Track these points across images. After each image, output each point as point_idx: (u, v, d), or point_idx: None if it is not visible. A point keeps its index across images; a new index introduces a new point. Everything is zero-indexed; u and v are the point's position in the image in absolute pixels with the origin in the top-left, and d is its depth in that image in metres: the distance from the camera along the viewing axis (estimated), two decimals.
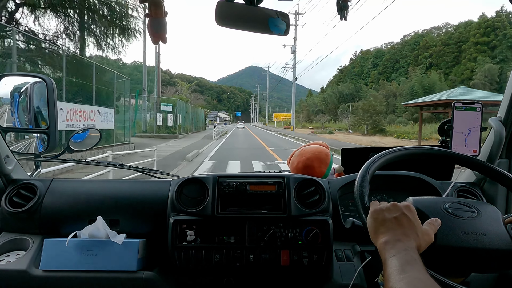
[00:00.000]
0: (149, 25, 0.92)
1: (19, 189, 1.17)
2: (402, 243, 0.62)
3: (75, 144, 1.44)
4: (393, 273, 0.57)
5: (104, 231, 1.07)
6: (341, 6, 1.09)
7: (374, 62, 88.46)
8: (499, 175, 0.84)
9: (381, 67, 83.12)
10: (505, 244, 0.69)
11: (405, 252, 0.60)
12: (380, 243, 0.65)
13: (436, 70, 55.39)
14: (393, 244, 0.63)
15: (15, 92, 1.33)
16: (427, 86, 41.97)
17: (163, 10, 0.92)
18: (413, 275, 0.55)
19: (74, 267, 1.03)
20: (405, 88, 45.26)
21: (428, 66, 63.77)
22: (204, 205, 1.10)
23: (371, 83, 76.58)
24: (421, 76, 45.55)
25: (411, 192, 1.13)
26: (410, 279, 0.54)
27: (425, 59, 69.18)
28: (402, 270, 0.56)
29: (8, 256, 1.08)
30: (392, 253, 0.61)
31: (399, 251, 0.61)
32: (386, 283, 0.57)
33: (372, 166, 0.83)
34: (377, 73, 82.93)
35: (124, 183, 1.27)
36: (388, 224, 0.67)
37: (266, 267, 1.08)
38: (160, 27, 0.94)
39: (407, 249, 0.61)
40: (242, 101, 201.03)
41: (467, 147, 1.14)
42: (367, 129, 33.44)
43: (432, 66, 64.63)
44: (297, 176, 1.19)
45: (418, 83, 43.80)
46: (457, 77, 50.21)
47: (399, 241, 0.63)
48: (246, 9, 0.97)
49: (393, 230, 0.66)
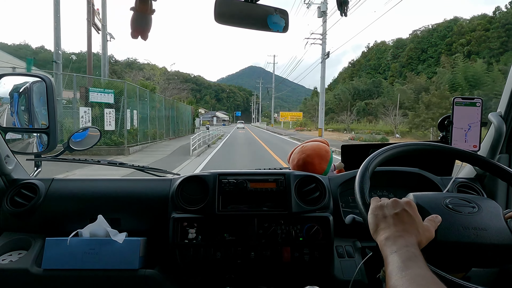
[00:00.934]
0: (132, 18, 0.91)
1: (20, 188, 1.17)
2: (403, 239, 0.62)
3: (75, 143, 1.44)
4: (394, 270, 0.57)
5: (105, 230, 1.08)
6: (341, 1, 1.09)
7: (395, 53, 77.33)
8: (500, 170, 0.84)
9: (404, 58, 72.00)
10: (506, 239, 0.69)
11: (406, 248, 0.60)
12: (381, 239, 0.65)
13: (477, 59, 43.15)
14: (394, 240, 0.63)
15: (14, 92, 1.33)
16: (472, 78, 32.37)
17: (149, 6, 0.91)
18: (415, 272, 0.55)
19: (75, 266, 1.04)
20: (442, 81, 34.80)
21: (466, 54, 51.71)
22: (205, 203, 1.10)
23: (391, 77, 67.24)
24: (463, 66, 35.27)
25: (411, 188, 1.13)
26: (412, 275, 0.54)
27: (462, 47, 57.58)
28: (404, 267, 0.56)
29: (10, 256, 1.08)
30: (393, 249, 0.61)
31: (400, 247, 0.61)
32: (388, 280, 0.57)
33: (372, 162, 0.83)
34: (399, 65, 72.38)
35: (124, 181, 1.27)
36: (389, 220, 0.67)
37: (267, 264, 1.08)
38: (142, 23, 0.92)
39: (408, 245, 0.61)
40: (242, 101, 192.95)
41: (467, 142, 1.14)
42: (432, 132, 22.90)
43: (471, 54, 52.66)
44: (298, 173, 1.19)
45: (461, 73, 33.69)
46: (508, 66, 36.68)
47: (400, 237, 0.63)
48: (245, 6, 0.97)
49: (394, 226, 0.66)
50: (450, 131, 1.16)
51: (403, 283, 0.54)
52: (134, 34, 0.92)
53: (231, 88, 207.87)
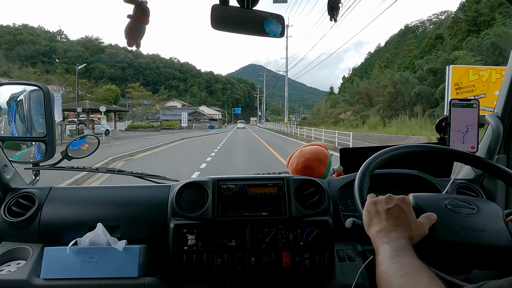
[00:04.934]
0: (129, 27, 0.92)
1: (17, 198, 1.17)
2: (395, 232, 0.64)
3: (73, 151, 1.44)
4: (385, 257, 0.58)
5: (104, 238, 1.07)
6: (331, 6, 1.10)
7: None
8: (498, 171, 0.84)
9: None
10: (505, 241, 0.69)
11: (398, 240, 0.62)
12: (373, 232, 0.67)
13: None
14: (386, 233, 0.65)
15: (11, 101, 1.33)
16: None
17: (148, 18, 0.93)
18: (405, 259, 0.57)
19: (75, 275, 1.03)
20: None
21: None
22: (204, 209, 1.10)
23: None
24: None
25: (410, 190, 1.13)
26: (402, 262, 0.56)
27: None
28: (394, 255, 0.58)
29: (9, 266, 1.07)
30: (385, 240, 0.63)
31: (392, 239, 0.62)
32: (378, 267, 0.58)
33: (371, 165, 0.84)
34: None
35: (123, 189, 1.26)
36: (382, 215, 0.69)
37: (268, 269, 1.08)
38: (138, 32, 0.94)
39: (400, 238, 0.62)
40: (243, 95, 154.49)
41: (465, 143, 1.15)
42: None
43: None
44: (297, 177, 1.19)
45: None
46: None
47: (391, 231, 0.65)
48: (242, 12, 0.97)
49: (386, 221, 0.67)
50: (448, 133, 1.16)
51: (392, 268, 0.55)
52: (131, 42, 0.93)
53: (228, 78, 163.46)
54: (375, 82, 40.13)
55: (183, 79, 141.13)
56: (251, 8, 0.98)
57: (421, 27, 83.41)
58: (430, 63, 29.46)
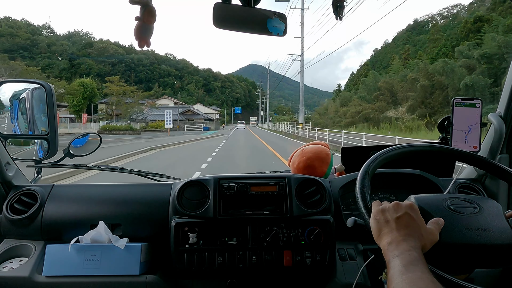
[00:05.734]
0: (137, 28, 0.93)
1: (20, 195, 1.17)
2: (406, 243, 0.62)
3: (76, 149, 1.44)
4: (396, 273, 0.57)
5: (106, 236, 1.07)
6: (336, 5, 1.10)
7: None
8: (500, 171, 0.84)
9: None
10: (508, 238, 0.69)
11: (409, 252, 0.60)
12: (384, 244, 0.64)
13: None
14: (397, 244, 0.62)
15: (14, 99, 1.33)
16: None
17: (154, 18, 0.93)
18: (415, 275, 0.55)
19: (77, 273, 1.03)
20: None
21: None
22: (206, 208, 1.10)
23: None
24: None
25: (412, 190, 1.13)
26: (412, 278, 0.54)
27: None
28: (404, 270, 0.56)
29: (11, 263, 1.08)
30: (396, 253, 0.61)
31: (403, 251, 0.60)
32: (389, 284, 0.57)
33: (372, 164, 0.84)
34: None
35: (125, 187, 1.26)
36: (391, 224, 0.66)
37: (269, 268, 1.08)
38: (147, 32, 0.94)
39: (411, 249, 0.60)
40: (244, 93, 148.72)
41: (467, 143, 1.15)
42: None
43: None
44: (298, 176, 1.19)
45: None
46: None
47: (403, 241, 0.62)
48: (244, 11, 0.97)
49: (397, 231, 0.65)
50: (450, 132, 1.16)
51: (402, 286, 0.54)
52: (141, 44, 0.94)
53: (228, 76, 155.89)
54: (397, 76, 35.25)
55: (179, 77, 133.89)
56: (253, 6, 0.97)
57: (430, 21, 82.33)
58: (484, 48, 23.11)
